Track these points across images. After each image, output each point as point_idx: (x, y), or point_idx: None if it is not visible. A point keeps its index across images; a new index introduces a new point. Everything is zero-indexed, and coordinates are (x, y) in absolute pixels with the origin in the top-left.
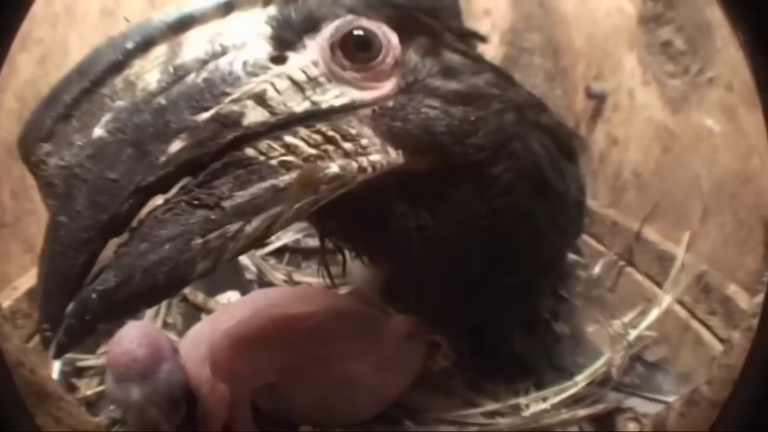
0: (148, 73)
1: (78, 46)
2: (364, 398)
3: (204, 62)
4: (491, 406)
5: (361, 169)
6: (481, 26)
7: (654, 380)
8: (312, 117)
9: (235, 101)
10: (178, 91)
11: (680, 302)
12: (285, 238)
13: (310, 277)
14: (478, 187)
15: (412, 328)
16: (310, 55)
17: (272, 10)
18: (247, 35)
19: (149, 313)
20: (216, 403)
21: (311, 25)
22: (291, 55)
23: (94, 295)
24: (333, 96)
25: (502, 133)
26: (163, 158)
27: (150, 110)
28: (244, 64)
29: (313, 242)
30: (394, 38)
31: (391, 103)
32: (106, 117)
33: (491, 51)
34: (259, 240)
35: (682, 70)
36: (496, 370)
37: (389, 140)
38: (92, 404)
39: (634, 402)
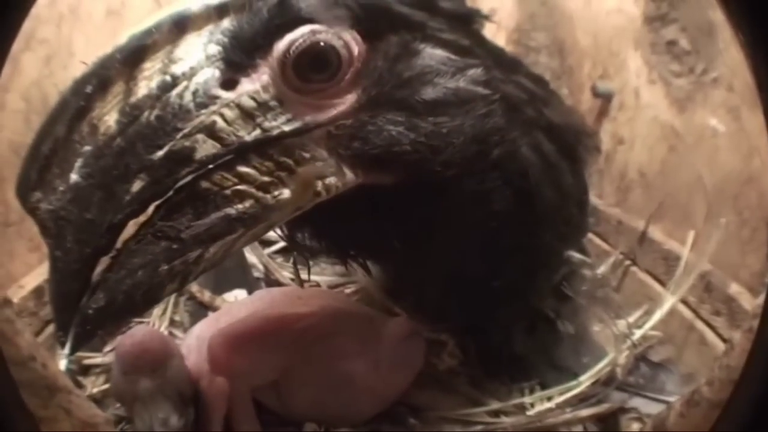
0: (108, 114)
1: (83, 47)
2: (363, 397)
3: (157, 97)
4: (496, 405)
5: (316, 193)
6: (487, 25)
7: (658, 380)
8: (263, 144)
9: (186, 136)
10: (134, 131)
11: (685, 302)
12: None
13: (317, 275)
14: (453, 200)
15: (411, 329)
16: (261, 78)
17: (226, 23)
18: (197, 59)
19: (157, 311)
20: (215, 396)
21: (263, 42)
22: (242, 79)
23: (90, 311)
24: (284, 121)
25: (481, 143)
26: (127, 197)
27: (111, 153)
28: (194, 95)
29: None
30: (356, 48)
31: (349, 122)
32: (78, 162)
33: None
34: (220, 262)
35: (688, 69)
36: (499, 370)
37: (346, 161)
38: (98, 402)
39: (637, 402)
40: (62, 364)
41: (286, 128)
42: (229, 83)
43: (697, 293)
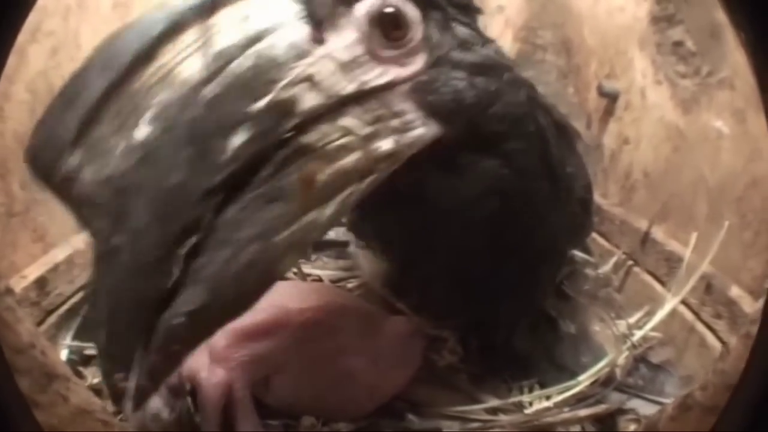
0: (185, 62)
1: (90, 39)
2: (360, 393)
3: (244, 47)
4: (494, 403)
5: (410, 145)
6: (495, 23)
7: (657, 382)
8: (361, 97)
9: (286, 87)
10: (224, 80)
11: (686, 304)
12: None
13: (319, 269)
14: (494, 162)
15: (411, 328)
16: (349, 34)
17: None
18: (278, 16)
19: None
20: (212, 387)
21: (342, 2)
22: (329, 35)
23: (182, 319)
24: (377, 75)
25: (517, 107)
26: (226, 154)
27: (200, 103)
28: (288, 47)
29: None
30: (417, 14)
31: (425, 77)
32: (149, 114)
33: (505, 47)
34: (332, 224)
35: (693, 70)
36: (500, 367)
37: (429, 113)
38: (99, 392)
39: (636, 403)
40: (63, 353)
41: (380, 81)
42: (318, 40)
43: (698, 295)
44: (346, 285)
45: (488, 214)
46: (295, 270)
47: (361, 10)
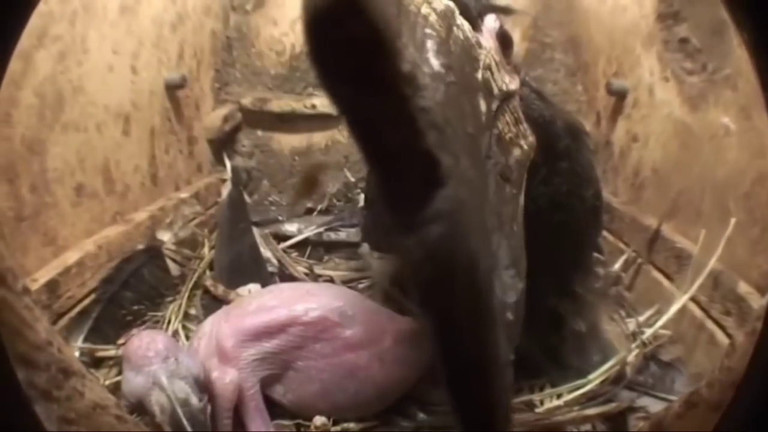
0: (429, 12)
1: (97, 43)
2: (369, 391)
3: (444, 17)
4: None
5: (532, 149)
6: (503, 22)
7: (667, 380)
8: (509, 97)
9: (484, 68)
10: (455, 41)
11: (696, 302)
12: (307, 231)
13: (331, 270)
14: (547, 176)
15: (416, 328)
16: (489, 41)
17: None
18: (447, 7)
19: (172, 305)
20: (225, 387)
21: (478, 14)
22: (482, 41)
23: None
24: (510, 80)
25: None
26: (483, 110)
27: (457, 54)
28: (472, 35)
29: (335, 236)
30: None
31: (522, 92)
32: (431, 45)
33: (514, 46)
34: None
35: (700, 67)
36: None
37: (530, 124)
38: (112, 392)
39: (646, 401)
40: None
41: (513, 87)
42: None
43: (707, 292)
44: (357, 286)
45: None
46: (306, 271)
47: (490, 23)
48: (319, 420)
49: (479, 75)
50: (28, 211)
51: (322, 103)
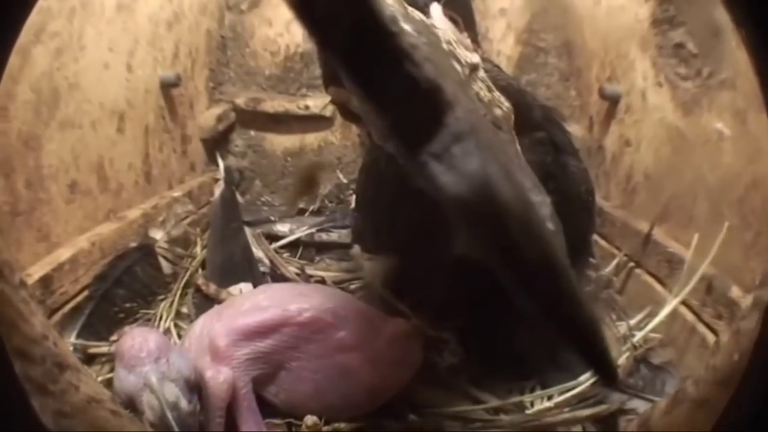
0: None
1: (94, 40)
2: (361, 393)
3: (403, 6)
4: (495, 403)
5: (509, 111)
6: (497, 26)
7: (658, 383)
8: (475, 69)
9: (446, 42)
10: (414, 16)
11: (687, 305)
12: (299, 232)
13: (322, 271)
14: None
15: (411, 329)
16: (442, 21)
17: None
18: None
19: (164, 303)
20: (218, 386)
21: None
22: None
23: None
24: (470, 54)
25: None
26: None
27: (420, 24)
28: (426, 18)
29: (326, 236)
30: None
31: (488, 66)
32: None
33: (507, 50)
34: None
35: (694, 72)
36: (500, 368)
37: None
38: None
39: (636, 403)
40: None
41: (476, 60)
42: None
43: (699, 296)
44: (349, 287)
45: None
46: (298, 271)
47: (434, 12)
48: (310, 419)
49: (444, 47)
50: (23, 207)
51: (315, 104)
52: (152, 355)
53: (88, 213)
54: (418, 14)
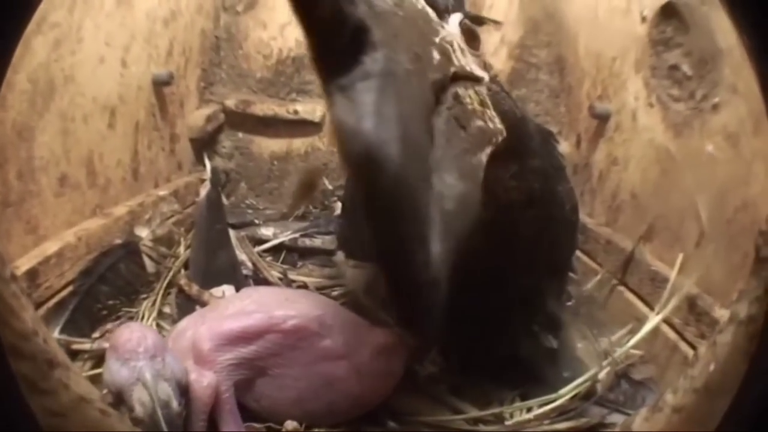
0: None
1: (92, 33)
2: (343, 401)
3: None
4: (474, 413)
5: (496, 133)
6: (491, 40)
7: (638, 398)
8: (476, 81)
9: (442, 40)
10: (410, 6)
11: (670, 324)
12: (282, 236)
13: (304, 276)
14: (519, 173)
15: (394, 339)
16: (455, 28)
17: None
18: None
19: (147, 302)
20: (203, 390)
21: (445, 9)
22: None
23: None
24: (476, 67)
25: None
26: (432, 59)
27: (409, 5)
28: (431, 12)
29: (310, 242)
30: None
31: (494, 86)
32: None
33: (499, 65)
34: None
35: (688, 94)
36: (481, 379)
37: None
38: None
39: (616, 418)
40: None
41: (478, 72)
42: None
43: (682, 315)
44: (331, 293)
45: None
46: (281, 276)
47: (452, 19)
48: (290, 425)
49: (436, 39)
50: (14, 198)
51: (304, 109)
52: (149, 352)
53: (76, 207)
54: (422, 3)
